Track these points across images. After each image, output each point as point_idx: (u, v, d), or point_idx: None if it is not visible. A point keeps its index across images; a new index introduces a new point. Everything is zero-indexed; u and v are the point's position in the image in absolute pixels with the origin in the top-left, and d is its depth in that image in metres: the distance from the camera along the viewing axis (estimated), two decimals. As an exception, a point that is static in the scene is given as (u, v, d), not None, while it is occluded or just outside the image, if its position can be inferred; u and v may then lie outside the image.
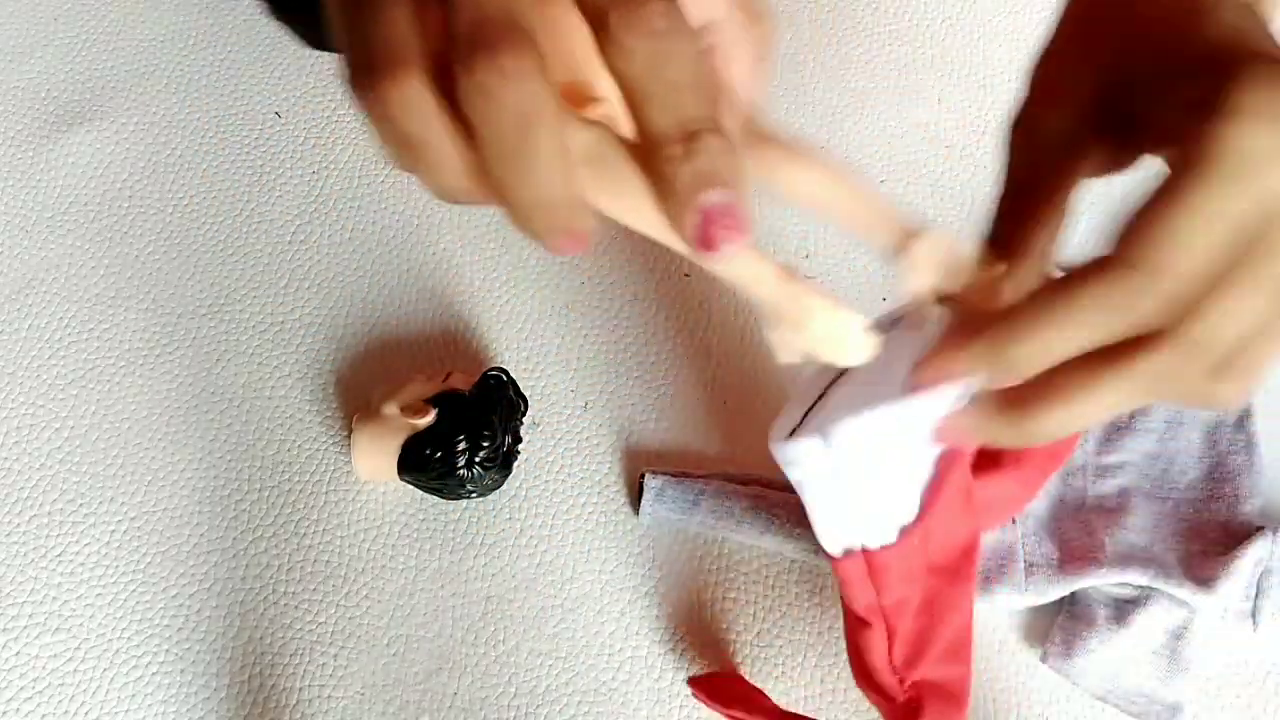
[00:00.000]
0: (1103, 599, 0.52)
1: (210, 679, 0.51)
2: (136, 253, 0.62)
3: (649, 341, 0.60)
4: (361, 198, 0.64)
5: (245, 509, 0.55)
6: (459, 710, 0.51)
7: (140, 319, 0.60)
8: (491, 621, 0.53)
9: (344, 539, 0.55)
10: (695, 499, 0.54)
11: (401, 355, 0.59)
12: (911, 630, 0.41)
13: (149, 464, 0.56)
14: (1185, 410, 0.56)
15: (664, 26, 0.27)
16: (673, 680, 0.52)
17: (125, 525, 0.55)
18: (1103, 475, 0.55)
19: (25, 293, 0.61)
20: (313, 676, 0.52)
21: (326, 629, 0.53)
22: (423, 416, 0.53)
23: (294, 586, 0.54)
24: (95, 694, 0.51)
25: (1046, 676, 0.51)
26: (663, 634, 0.53)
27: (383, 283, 0.61)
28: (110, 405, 0.58)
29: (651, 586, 0.54)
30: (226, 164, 0.65)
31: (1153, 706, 0.50)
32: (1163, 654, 0.50)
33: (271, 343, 0.60)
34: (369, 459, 0.54)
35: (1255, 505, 0.54)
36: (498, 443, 0.53)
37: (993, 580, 0.52)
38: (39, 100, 0.67)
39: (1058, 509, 0.54)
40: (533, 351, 0.59)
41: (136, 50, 0.69)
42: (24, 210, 0.63)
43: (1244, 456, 0.55)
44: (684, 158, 0.28)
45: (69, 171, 0.65)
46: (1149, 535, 0.53)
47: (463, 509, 0.55)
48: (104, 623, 0.53)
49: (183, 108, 0.67)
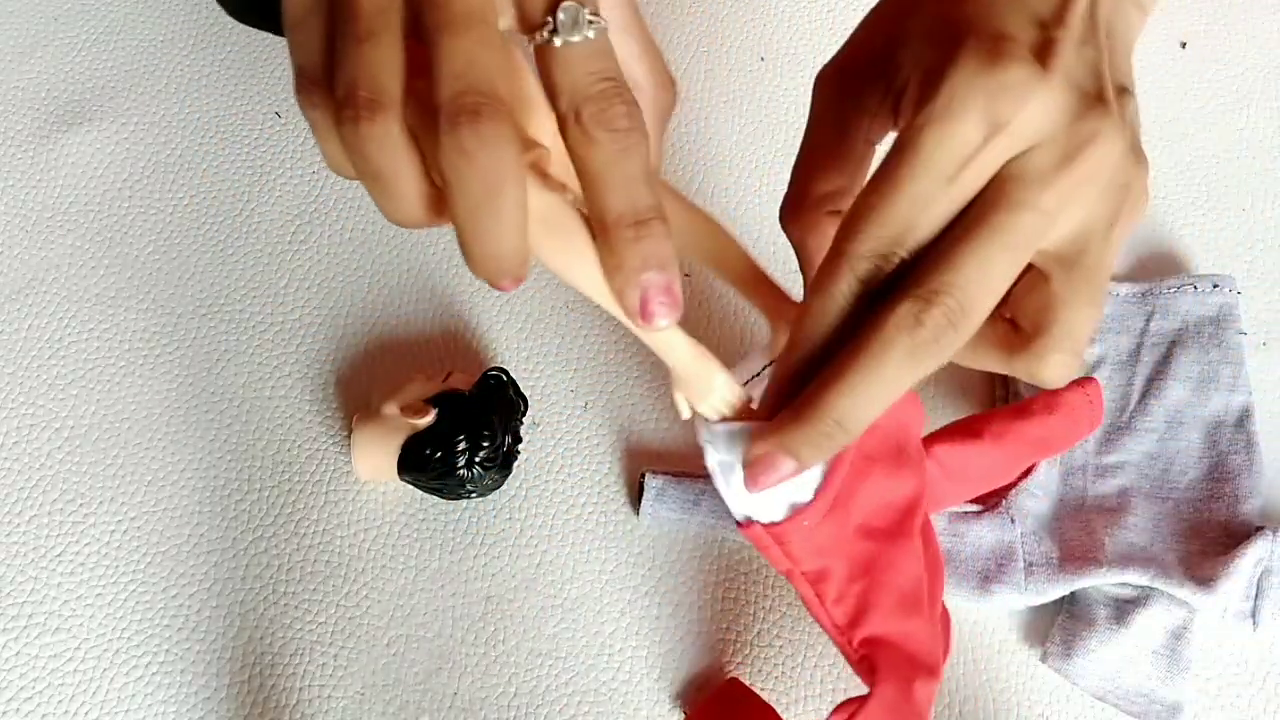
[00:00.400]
0: (1103, 599, 0.52)
1: (210, 679, 0.52)
2: (136, 253, 0.62)
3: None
4: (361, 198, 0.64)
5: (245, 509, 0.55)
6: (459, 710, 0.51)
7: (140, 319, 0.60)
8: (491, 621, 0.53)
9: (344, 539, 0.55)
10: (695, 499, 0.54)
11: (401, 355, 0.59)
12: (850, 593, 0.42)
13: (149, 464, 0.56)
14: (1185, 410, 0.56)
15: (627, 125, 0.32)
16: (673, 680, 0.52)
17: (125, 525, 0.55)
18: (1103, 475, 0.55)
19: (25, 293, 0.61)
20: (313, 676, 0.52)
21: (326, 629, 0.53)
22: (423, 416, 0.53)
23: (294, 586, 0.54)
24: (95, 694, 0.51)
25: (1046, 676, 0.51)
26: (663, 634, 0.53)
27: (383, 283, 0.61)
28: (110, 405, 0.58)
29: (651, 586, 0.54)
30: (226, 164, 0.65)
31: (1153, 706, 0.50)
32: (1163, 654, 0.50)
33: (271, 343, 0.60)
34: (369, 459, 0.54)
35: (1255, 505, 0.54)
36: (498, 443, 0.53)
37: (992, 580, 0.52)
38: (39, 100, 0.67)
39: (1058, 509, 0.54)
40: (533, 351, 0.59)
41: (136, 50, 0.69)
42: (24, 210, 0.63)
43: (1244, 456, 0.55)
44: (633, 240, 0.32)
45: (69, 171, 0.65)
46: (1149, 535, 0.53)
47: (463, 509, 0.55)
48: (104, 623, 0.53)
49: (183, 108, 0.67)
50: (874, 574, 0.42)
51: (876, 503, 0.42)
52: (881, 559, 0.42)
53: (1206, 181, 0.64)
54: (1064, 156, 0.33)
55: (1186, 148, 0.66)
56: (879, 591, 0.42)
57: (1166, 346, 0.58)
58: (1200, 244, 0.62)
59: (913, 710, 0.43)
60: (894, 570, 0.42)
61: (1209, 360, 0.57)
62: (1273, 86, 0.68)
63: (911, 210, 0.33)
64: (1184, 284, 0.59)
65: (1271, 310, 0.60)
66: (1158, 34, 0.69)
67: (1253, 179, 0.65)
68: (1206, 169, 0.65)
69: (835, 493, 0.39)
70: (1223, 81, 0.68)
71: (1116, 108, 0.34)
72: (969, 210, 0.34)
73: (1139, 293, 0.59)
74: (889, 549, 0.42)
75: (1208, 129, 0.66)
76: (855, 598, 0.42)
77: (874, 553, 0.42)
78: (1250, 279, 0.61)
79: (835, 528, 0.40)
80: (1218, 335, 0.58)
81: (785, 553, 0.40)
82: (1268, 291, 0.61)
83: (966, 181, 0.33)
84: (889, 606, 0.42)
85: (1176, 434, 0.56)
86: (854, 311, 0.34)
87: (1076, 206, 0.34)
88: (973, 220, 0.34)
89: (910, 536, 0.43)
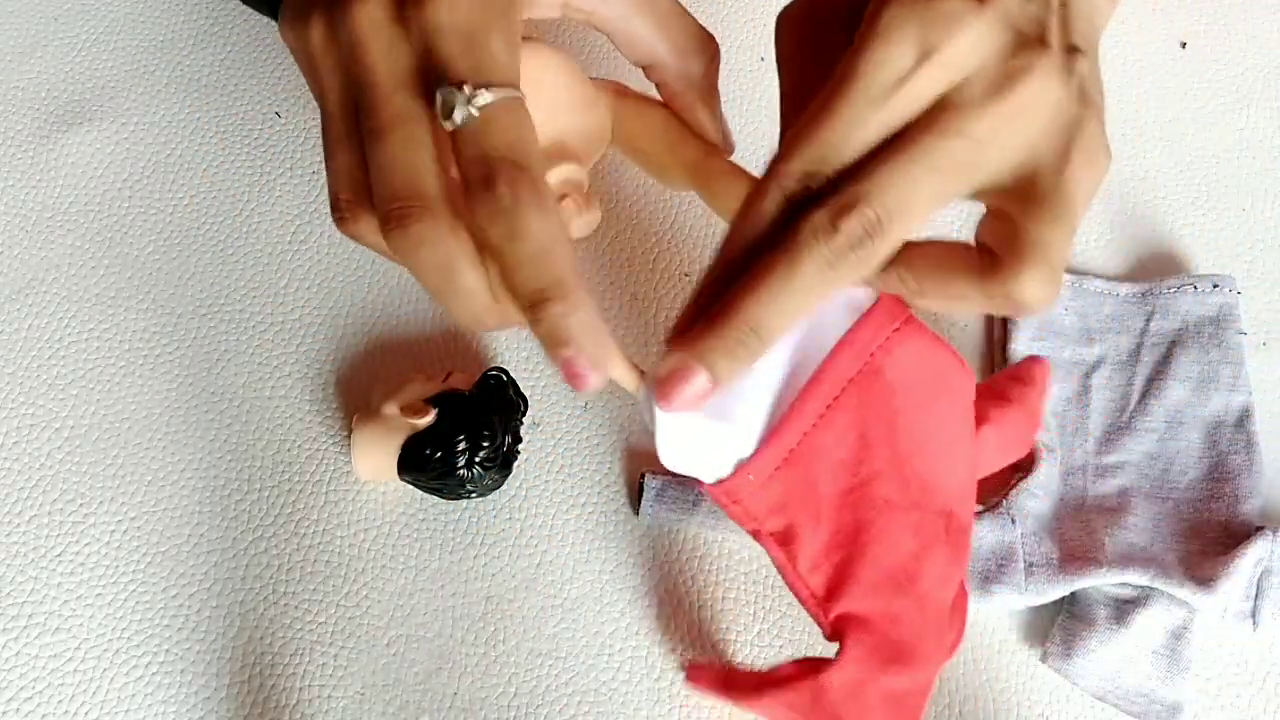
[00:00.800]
0: (1103, 599, 0.52)
1: (210, 679, 0.52)
2: (136, 253, 0.62)
3: (649, 341, 0.60)
4: (361, 198, 0.64)
5: (245, 509, 0.55)
6: (459, 710, 0.51)
7: (140, 319, 0.60)
8: (491, 621, 0.53)
9: (344, 539, 0.55)
10: (695, 499, 0.54)
11: (401, 355, 0.59)
12: (829, 563, 0.40)
13: (149, 464, 0.56)
14: (1185, 410, 0.56)
15: (510, 205, 0.32)
16: (673, 680, 0.52)
17: (125, 525, 0.55)
18: (1103, 475, 0.55)
19: (25, 293, 0.61)
20: (313, 676, 0.52)
21: (326, 629, 0.53)
22: (423, 416, 0.53)
23: (294, 586, 0.54)
24: (95, 694, 0.51)
25: (1046, 676, 0.51)
26: (663, 634, 0.53)
27: (383, 283, 0.61)
28: (110, 405, 0.58)
29: (651, 586, 0.54)
30: (226, 164, 0.65)
31: (1153, 706, 0.50)
32: (1163, 654, 0.50)
33: (271, 343, 0.60)
34: (369, 459, 0.54)
35: (1255, 505, 0.54)
36: (498, 443, 0.53)
37: (992, 580, 0.52)
38: (39, 100, 0.67)
39: (1058, 509, 0.54)
40: (533, 351, 0.59)
41: (136, 50, 0.69)
42: (24, 210, 0.63)
43: (1244, 456, 0.55)
44: (534, 322, 0.34)
45: (69, 171, 0.65)
46: (1149, 535, 0.53)
47: (463, 509, 0.55)
48: (104, 623, 0.53)
49: (183, 108, 0.67)
50: (859, 544, 0.40)
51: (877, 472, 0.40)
52: (872, 528, 0.40)
53: (1206, 181, 0.64)
54: (995, 87, 0.34)
55: (1186, 148, 0.66)
56: (861, 564, 0.40)
57: (1166, 346, 0.58)
58: (1200, 244, 0.62)
59: (878, 700, 0.40)
60: (884, 543, 0.40)
61: (1209, 360, 0.57)
62: (1273, 86, 0.68)
63: (841, 131, 0.34)
64: (1184, 284, 0.59)
65: (1271, 310, 0.60)
66: (1158, 34, 0.69)
67: (1253, 179, 0.65)
68: (1206, 169, 0.65)
69: (789, 446, 0.38)
70: (1223, 81, 0.68)
71: (1059, 53, 0.35)
72: (900, 133, 0.35)
73: (1139, 293, 0.60)
74: (881, 518, 0.40)
75: (1208, 129, 0.66)
76: (834, 567, 0.40)
77: (862, 522, 0.40)
78: (1250, 279, 0.61)
79: (800, 485, 0.39)
80: (1218, 335, 0.58)
81: (744, 510, 0.39)
82: (1268, 291, 0.61)
83: (896, 106, 0.34)
84: (872, 582, 0.40)
85: (1176, 434, 0.56)
86: (778, 226, 0.35)
87: (1011, 138, 0.35)
88: (901, 141, 0.34)
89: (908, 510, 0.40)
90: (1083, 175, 0.36)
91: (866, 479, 0.40)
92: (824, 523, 0.40)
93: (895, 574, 0.40)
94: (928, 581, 0.41)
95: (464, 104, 0.33)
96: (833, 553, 0.40)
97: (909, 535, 0.40)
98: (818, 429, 0.39)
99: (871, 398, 0.39)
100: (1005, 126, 0.34)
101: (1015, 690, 0.51)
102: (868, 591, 0.40)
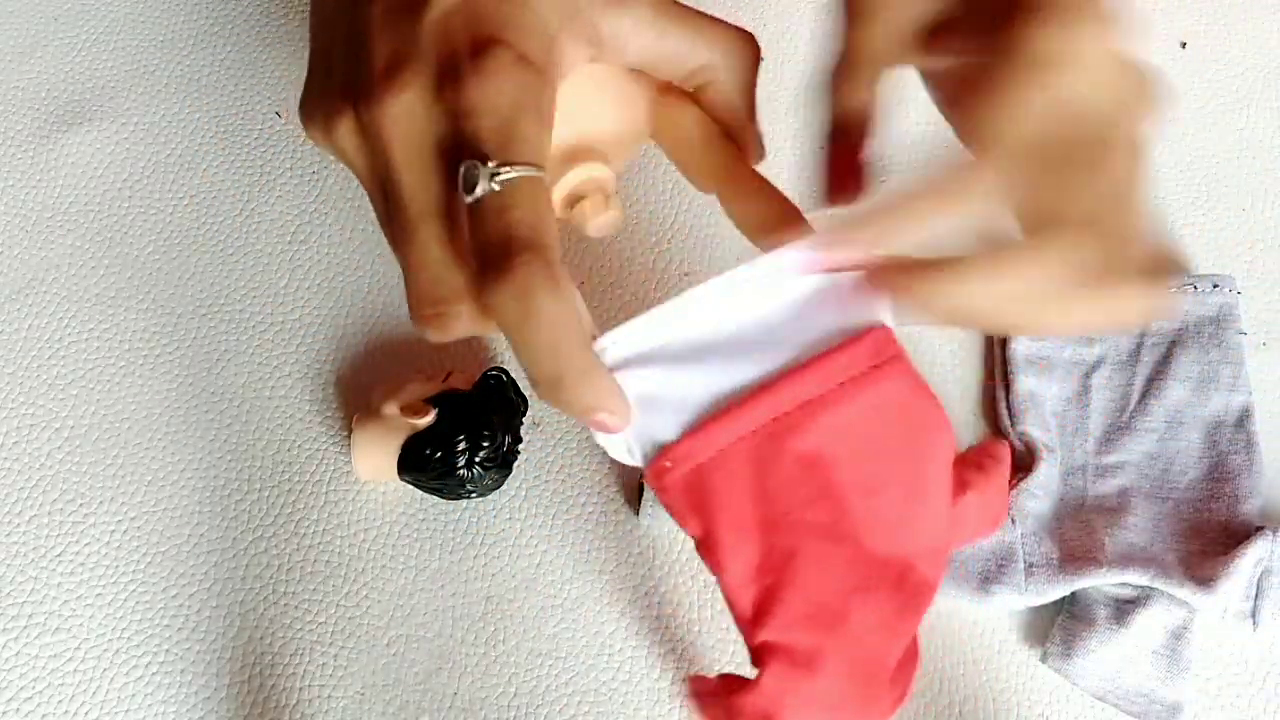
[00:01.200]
0: (1103, 599, 0.52)
1: (210, 679, 0.52)
2: (136, 253, 0.62)
3: (649, 341, 0.60)
4: (361, 198, 0.64)
5: (245, 509, 0.55)
6: (459, 710, 0.51)
7: (140, 319, 0.60)
8: (491, 621, 0.53)
9: (344, 539, 0.55)
10: (695, 499, 0.54)
11: (401, 355, 0.59)
12: (758, 584, 0.38)
13: (149, 464, 0.56)
14: (1185, 410, 0.56)
15: (523, 288, 0.32)
16: (673, 680, 0.52)
17: (125, 525, 0.55)
18: (1103, 475, 0.55)
19: (25, 293, 0.61)
20: (313, 676, 0.52)
21: (326, 629, 0.53)
22: (423, 416, 0.53)
23: (294, 586, 0.54)
24: (95, 694, 0.51)
25: (1046, 676, 0.51)
26: (663, 634, 0.53)
27: (383, 283, 0.61)
28: (110, 405, 0.58)
29: (651, 586, 0.54)
30: (226, 164, 0.65)
31: (1153, 706, 0.50)
32: (1163, 654, 0.50)
33: (271, 343, 0.60)
34: (369, 459, 0.54)
35: (1255, 505, 0.54)
36: (498, 443, 0.53)
37: (993, 581, 0.52)
38: (39, 100, 0.67)
39: (1058, 509, 0.54)
40: (533, 351, 0.59)
41: (136, 50, 0.69)
42: (24, 210, 0.63)
43: (1244, 456, 0.55)
44: (554, 402, 0.34)
45: (69, 171, 0.65)
46: (1149, 535, 0.53)
47: (463, 509, 0.55)
48: (104, 623, 0.53)
49: (183, 108, 0.67)
50: (790, 570, 0.37)
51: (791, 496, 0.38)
52: (808, 554, 0.37)
53: (1206, 181, 0.64)
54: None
55: (1186, 148, 0.66)
56: (789, 590, 0.37)
57: (1166, 346, 0.58)
58: (1200, 244, 0.62)
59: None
60: (817, 571, 0.37)
61: (1209, 360, 0.57)
62: (1273, 86, 0.68)
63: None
64: (1184, 284, 0.59)
65: (1271, 310, 0.60)
66: (1158, 34, 0.69)
67: (1253, 179, 0.65)
68: (1206, 169, 0.65)
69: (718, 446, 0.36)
70: (1223, 81, 0.68)
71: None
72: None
73: (1139, 293, 0.59)
74: (820, 545, 0.37)
75: (1208, 129, 0.66)
76: (764, 590, 0.38)
77: (793, 548, 0.37)
78: (1250, 279, 0.61)
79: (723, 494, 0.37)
80: (1218, 335, 0.58)
81: (669, 502, 0.38)
82: (1268, 291, 0.61)
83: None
84: (798, 612, 0.38)
85: (1176, 434, 0.56)
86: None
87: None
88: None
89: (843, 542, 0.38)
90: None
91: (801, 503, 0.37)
92: (751, 540, 0.38)
93: (822, 608, 0.38)
94: (859, 625, 0.38)
95: (486, 179, 0.33)
96: (764, 575, 0.38)
97: (841, 568, 0.38)
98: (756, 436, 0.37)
99: (826, 425, 0.37)
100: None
101: (1015, 690, 0.51)
102: (792, 622, 0.38)
